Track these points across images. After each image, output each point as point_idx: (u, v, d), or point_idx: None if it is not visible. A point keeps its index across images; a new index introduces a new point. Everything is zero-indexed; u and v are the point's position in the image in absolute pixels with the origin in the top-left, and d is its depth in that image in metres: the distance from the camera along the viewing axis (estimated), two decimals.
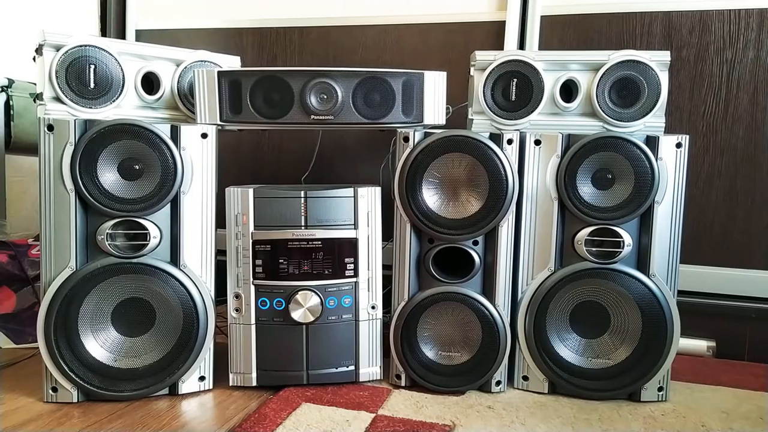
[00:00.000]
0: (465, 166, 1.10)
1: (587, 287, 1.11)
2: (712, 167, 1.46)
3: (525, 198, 1.11)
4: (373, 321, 1.15)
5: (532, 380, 1.13)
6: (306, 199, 1.10)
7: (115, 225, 1.03)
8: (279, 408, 1.03)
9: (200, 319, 1.07)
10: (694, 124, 1.46)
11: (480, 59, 1.15)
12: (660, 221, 1.08)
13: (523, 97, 1.15)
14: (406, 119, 1.13)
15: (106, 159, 1.02)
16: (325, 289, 1.11)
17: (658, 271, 1.09)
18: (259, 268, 1.10)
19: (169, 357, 1.07)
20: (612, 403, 1.10)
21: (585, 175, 1.08)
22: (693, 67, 1.45)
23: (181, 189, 1.06)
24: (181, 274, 1.06)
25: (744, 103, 1.43)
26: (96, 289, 1.04)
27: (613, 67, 1.13)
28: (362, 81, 1.10)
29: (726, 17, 1.42)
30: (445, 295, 1.11)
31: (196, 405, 1.06)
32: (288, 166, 1.73)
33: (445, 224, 1.10)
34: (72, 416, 0.99)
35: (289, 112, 1.11)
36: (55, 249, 1.02)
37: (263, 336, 1.11)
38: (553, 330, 1.12)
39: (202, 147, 1.08)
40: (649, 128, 1.13)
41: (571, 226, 1.10)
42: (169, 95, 1.20)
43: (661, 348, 1.09)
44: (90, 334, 1.05)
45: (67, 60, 1.07)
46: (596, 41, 1.49)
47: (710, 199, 1.46)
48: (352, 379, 1.14)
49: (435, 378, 1.13)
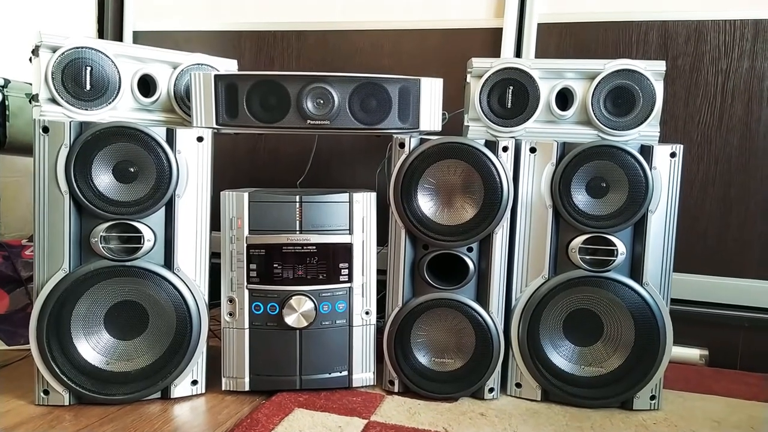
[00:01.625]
0: (460, 173, 1.11)
1: (581, 295, 1.11)
2: (706, 176, 1.46)
3: (520, 205, 1.11)
4: (366, 326, 1.15)
5: (525, 387, 1.14)
6: (301, 204, 1.10)
7: (109, 228, 1.03)
8: (271, 413, 1.03)
9: (193, 323, 1.07)
10: (689, 133, 1.47)
11: (476, 66, 1.16)
12: (653, 230, 1.09)
13: (519, 105, 1.15)
14: (402, 125, 1.13)
15: (101, 161, 1.02)
16: (319, 294, 1.11)
17: (651, 279, 1.09)
18: (254, 272, 1.10)
19: (161, 361, 1.06)
20: (604, 411, 1.10)
21: (579, 183, 1.09)
22: (688, 76, 1.46)
23: (176, 192, 1.06)
24: (175, 278, 1.06)
25: (738, 113, 1.44)
26: (89, 291, 1.03)
27: (609, 76, 1.13)
28: (359, 87, 1.11)
29: (721, 27, 1.43)
30: (439, 302, 1.12)
31: (188, 409, 1.05)
32: (284, 169, 1.73)
33: (440, 230, 1.10)
34: (63, 419, 0.99)
35: (285, 117, 1.10)
36: (48, 251, 1.02)
37: (257, 340, 1.11)
38: (547, 337, 1.12)
39: (197, 150, 1.08)
40: (643, 137, 1.14)
41: (565, 234, 1.11)
42: (165, 98, 1.20)
43: (654, 356, 1.09)
44: (82, 336, 1.04)
45: (63, 61, 1.07)
46: (592, 49, 1.50)
47: (704, 208, 1.47)
48: (345, 384, 1.14)
49: (428, 384, 1.13)
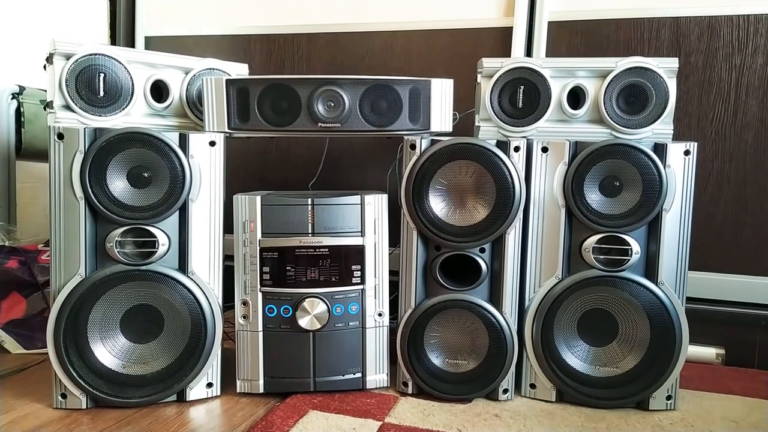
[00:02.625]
0: (472, 174, 1.10)
1: (595, 295, 1.11)
2: (720, 173, 1.45)
3: (532, 205, 1.11)
4: (379, 328, 1.15)
5: (539, 388, 1.13)
6: (313, 207, 1.11)
7: (124, 232, 1.04)
8: (286, 415, 1.03)
9: (208, 326, 1.07)
10: (703, 130, 1.45)
11: (487, 66, 1.15)
12: (668, 229, 1.08)
13: (530, 104, 1.15)
14: (413, 126, 1.13)
15: (116, 167, 1.03)
16: (332, 297, 1.11)
17: (667, 278, 1.08)
18: (267, 275, 1.10)
19: (177, 364, 1.07)
20: (620, 411, 1.09)
21: (592, 182, 1.08)
22: (701, 72, 1.44)
23: (190, 196, 1.07)
24: (189, 282, 1.07)
25: (753, 109, 1.42)
26: (105, 296, 1.04)
27: (621, 74, 1.12)
28: (369, 89, 1.11)
29: (735, 23, 1.41)
30: (452, 303, 1.11)
31: (203, 412, 1.06)
32: (296, 170, 1.74)
33: (452, 231, 1.10)
34: (81, 423, 1.00)
35: (296, 120, 1.11)
36: (64, 256, 1.03)
37: (270, 343, 1.11)
38: (561, 338, 1.12)
39: (210, 155, 1.08)
40: (657, 135, 1.13)
41: (579, 234, 1.10)
42: (177, 103, 1.21)
43: (670, 356, 1.08)
44: (99, 340, 1.05)
45: (77, 69, 1.08)
46: (604, 47, 1.49)
47: (719, 206, 1.45)
48: (359, 386, 1.14)
49: (442, 385, 1.13)
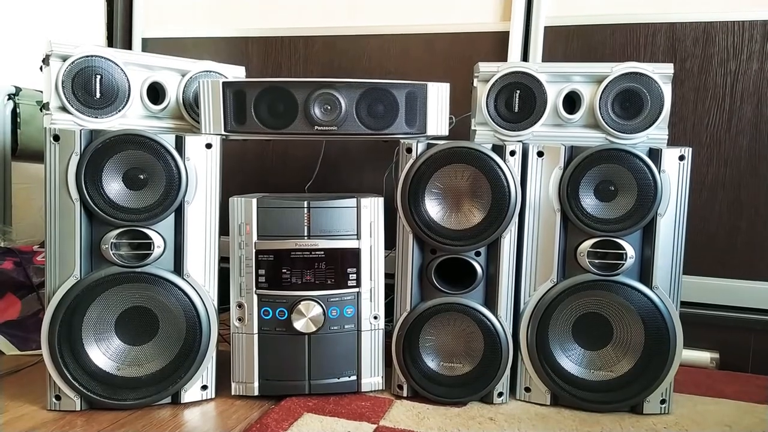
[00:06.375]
0: (468, 178, 1.11)
1: (590, 299, 1.11)
2: (715, 178, 1.46)
3: (527, 209, 1.11)
4: (375, 331, 1.15)
5: (534, 392, 1.13)
6: (309, 210, 1.11)
7: (119, 234, 1.04)
8: (281, 418, 1.03)
9: (203, 329, 1.07)
10: (698, 135, 1.46)
11: (483, 70, 1.16)
12: (663, 233, 1.08)
13: (526, 109, 1.15)
14: (410, 130, 1.13)
15: (111, 169, 1.03)
16: (328, 299, 1.11)
17: (661, 283, 1.09)
18: (262, 277, 1.10)
19: (171, 366, 1.07)
20: (614, 415, 1.10)
21: (588, 186, 1.08)
22: (697, 78, 1.45)
23: (185, 199, 1.06)
24: (185, 284, 1.07)
25: (748, 115, 1.43)
26: (100, 297, 1.04)
27: (616, 79, 1.13)
28: (366, 92, 1.11)
29: (730, 29, 1.42)
30: (448, 306, 1.12)
31: (198, 414, 1.06)
32: (293, 173, 1.74)
33: (448, 235, 1.10)
34: (75, 425, 1.00)
35: (293, 123, 1.11)
36: (59, 258, 1.03)
37: (266, 345, 1.11)
38: (556, 341, 1.12)
39: (206, 157, 1.08)
40: (652, 140, 1.14)
41: (574, 238, 1.10)
42: (174, 105, 1.21)
43: (664, 360, 1.08)
44: (93, 342, 1.05)
45: (73, 70, 1.08)
46: (600, 52, 1.50)
47: (714, 211, 1.46)
48: (354, 389, 1.14)
49: (437, 389, 1.13)
